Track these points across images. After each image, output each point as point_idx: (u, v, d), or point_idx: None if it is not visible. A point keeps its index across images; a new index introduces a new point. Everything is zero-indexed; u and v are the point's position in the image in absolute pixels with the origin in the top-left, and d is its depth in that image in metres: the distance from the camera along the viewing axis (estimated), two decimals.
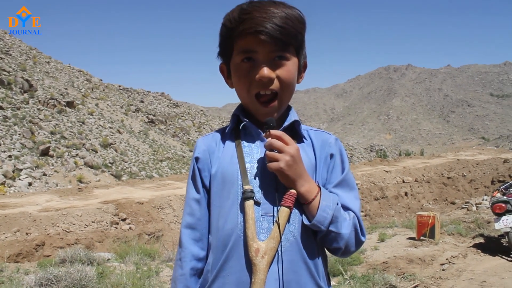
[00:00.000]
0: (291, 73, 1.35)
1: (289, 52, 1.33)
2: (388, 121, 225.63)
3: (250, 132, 1.41)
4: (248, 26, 1.27)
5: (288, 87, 1.35)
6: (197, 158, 1.43)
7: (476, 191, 21.47)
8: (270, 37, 1.26)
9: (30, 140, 35.66)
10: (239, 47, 1.32)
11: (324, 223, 1.26)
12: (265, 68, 1.30)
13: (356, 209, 1.36)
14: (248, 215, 1.27)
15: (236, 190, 1.33)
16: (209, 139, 1.47)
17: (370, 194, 19.14)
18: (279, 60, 1.32)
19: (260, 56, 1.30)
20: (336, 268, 6.19)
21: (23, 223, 10.75)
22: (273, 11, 1.28)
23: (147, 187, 17.19)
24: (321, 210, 1.27)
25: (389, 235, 9.14)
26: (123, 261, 7.15)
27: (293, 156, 1.26)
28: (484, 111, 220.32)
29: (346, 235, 1.29)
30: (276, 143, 1.27)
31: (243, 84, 1.35)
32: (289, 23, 1.28)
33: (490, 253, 7.17)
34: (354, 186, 1.42)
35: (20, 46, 65.02)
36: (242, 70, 1.34)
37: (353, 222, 1.32)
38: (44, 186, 28.53)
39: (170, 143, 61.68)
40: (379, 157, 64.64)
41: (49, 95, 47.62)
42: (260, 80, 1.30)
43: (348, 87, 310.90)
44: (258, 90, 1.33)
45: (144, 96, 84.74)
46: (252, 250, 1.24)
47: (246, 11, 1.29)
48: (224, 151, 1.41)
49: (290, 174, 1.26)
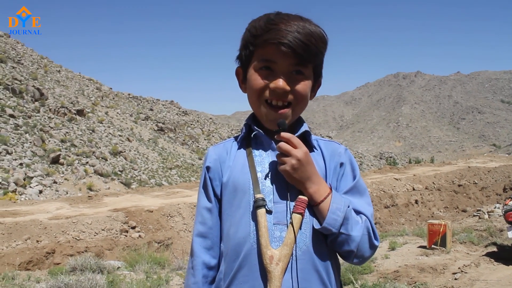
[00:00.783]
0: (306, 89, 1.37)
1: (307, 68, 1.36)
2: (397, 128, 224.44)
3: (261, 141, 1.42)
4: (272, 36, 1.29)
5: (301, 101, 1.38)
6: (208, 167, 1.44)
7: (488, 198, 21.23)
8: (292, 51, 1.28)
9: (40, 148, 36.00)
10: (259, 55, 1.34)
11: (335, 226, 1.27)
12: (281, 80, 1.32)
13: (369, 214, 1.36)
14: (261, 223, 1.28)
15: (248, 199, 1.34)
16: (220, 148, 1.48)
17: (380, 202, 19.00)
18: (296, 74, 1.34)
19: (279, 67, 1.32)
20: (346, 277, 6.14)
21: (33, 230, 10.81)
22: (299, 26, 1.30)
23: (156, 195, 17.22)
24: (331, 212, 1.28)
25: (400, 243, 9.06)
26: (133, 270, 7.16)
27: (299, 159, 1.28)
28: (495, 118, 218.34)
29: (358, 237, 1.29)
30: (284, 146, 1.29)
31: (256, 90, 1.36)
32: (312, 40, 1.30)
33: (503, 262, 7.05)
34: (365, 193, 1.42)
35: (31, 55, 65.90)
36: (259, 78, 1.35)
37: (365, 225, 1.32)
38: (55, 194, 28.74)
39: (180, 151, 61.88)
40: (388, 164, 64.20)
41: (60, 103, 48.11)
42: (274, 90, 1.32)
43: (357, 95, 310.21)
44: (269, 98, 1.34)
45: (153, 104, 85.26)
46: (267, 258, 1.25)
47: (273, 22, 1.31)
48: (235, 160, 1.42)
49: (296, 176, 1.29)
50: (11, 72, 48.81)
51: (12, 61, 54.72)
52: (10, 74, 47.69)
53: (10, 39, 65.50)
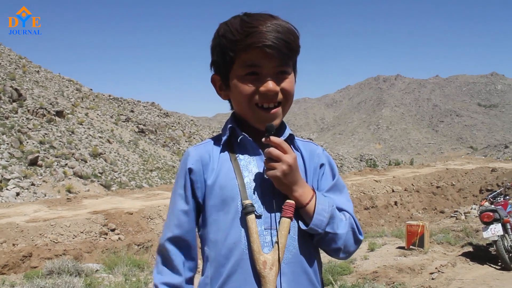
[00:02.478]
0: (292, 86, 1.38)
1: (290, 66, 1.37)
2: (377, 131, 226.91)
3: (245, 145, 1.40)
4: (255, 40, 1.26)
5: (290, 98, 1.39)
6: (190, 169, 1.39)
7: (465, 200, 21.63)
8: (277, 52, 1.27)
9: (18, 150, 35.33)
10: (243, 61, 1.31)
11: (321, 226, 1.29)
12: (271, 82, 1.31)
13: (350, 210, 1.40)
14: (252, 229, 1.28)
15: (236, 204, 1.33)
16: (201, 149, 1.44)
17: (360, 203, 19.18)
18: (281, 74, 1.34)
19: (265, 70, 1.31)
20: (326, 278, 6.18)
21: (10, 234, 10.60)
22: (276, 25, 1.29)
23: (136, 197, 17.07)
24: (317, 213, 1.30)
25: (379, 244, 9.15)
26: (112, 272, 7.08)
27: (290, 165, 1.28)
28: (472, 121, 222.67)
29: (344, 235, 1.32)
30: (274, 152, 1.28)
31: (246, 96, 1.33)
32: (291, 37, 1.30)
33: (478, 261, 7.21)
34: (344, 190, 1.46)
35: (9, 55, 64.63)
36: (246, 84, 1.32)
37: (349, 222, 1.35)
38: (32, 196, 28.22)
39: (160, 153, 61.41)
40: (369, 166, 64.93)
41: (39, 104, 47.28)
42: (266, 94, 1.31)
43: (338, 97, 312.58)
44: (260, 102, 1.33)
45: (134, 106, 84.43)
46: (260, 263, 1.26)
47: (250, 24, 1.28)
48: (220, 164, 1.39)
49: (286, 182, 1.29)
50: None
51: None
52: None
53: None
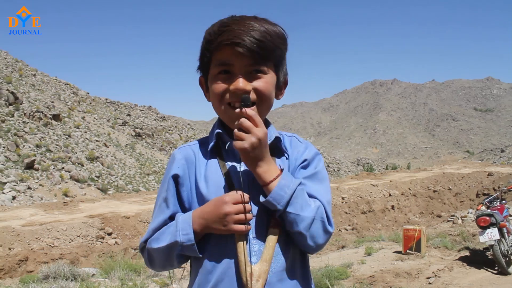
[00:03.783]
0: (268, 86, 1.33)
1: (267, 66, 1.32)
2: (374, 135, 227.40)
3: (233, 151, 1.38)
4: (225, 37, 1.26)
5: (265, 99, 1.34)
6: (176, 175, 1.37)
7: (462, 204, 21.65)
8: (247, 50, 1.25)
9: (14, 153, 35.20)
10: (216, 60, 1.31)
11: (280, 201, 1.24)
12: (241, 80, 1.29)
13: (324, 200, 1.34)
14: (239, 239, 1.26)
15: None
16: (188, 151, 1.42)
17: (357, 207, 19.18)
18: (256, 73, 1.31)
19: (237, 69, 1.29)
20: (323, 282, 6.17)
21: (6, 238, 10.56)
22: (253, 25, 1.27)
23: (133, 201, 17.03)
24: (278, 188, 1.25)
25: (376, 248, 9.15)
26: (108, 277, 7.05)
27: (259, 138, 1.24)
28: (468, 125, 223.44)
29: (308, 218, 1.26)
30: (245, 123, 1.24)
31: (218, 94, 1.32)
32: (267, 37, 1.27)
33: (475, 266, 7.21)
34: (325, 182, 1.41)
35: (6, 58, 64.55)
36: (218, 82, 1.32)
37: (318, 210, 1.29)
38: (29, 200, 28.09)
39: (157, 156, 61.33)
40: (365, 170, 64.92)
41: (35, 108, 47.18)
42: (235, 92, 1.29)
43: (335, 101, 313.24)
44: (232, 101, 1.31)
45: (131, 110, 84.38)
46: (247, 275, 1.23)
47: (226, 24, 1.29)
48: (209, 170, 1.37)
49: (252, 155, 1.25)
50: None
51: None
52: None
53: None
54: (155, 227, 1.36)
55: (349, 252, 9.22)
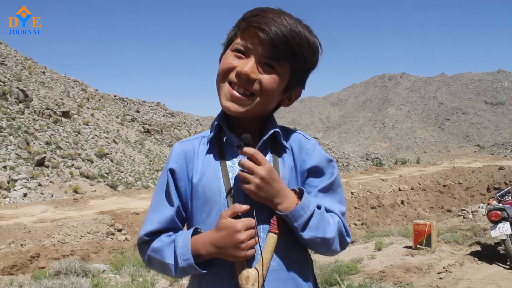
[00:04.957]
0: (273, 83, 1.28)
1: (281, 66, 1.28)
2: (383, 129, 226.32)
3: (232, 144, 1.34)
4: (256, 20, 1.24)
5: (266, 95, 1.29)
6: (172, 170, 1.34)
7: (472, 198, 21.50)
8: (270, 40, 1.22)
9: (25, 151, 35.51)
10: (239, 38, 1.29)
11: (298, 220, 1.22)
12: (250, 65, 1.25)
13: (339, 212, 1.32)
14: None
15: (219, 209, 1.28)
16: (187, 145, 1.39)
17: (366, 202, 19.12)
18: (267, 67, 1.27)
19: (252, 53, 1.26)
20: (332, 278, 6.16)
21: (18, 234, 10.67)
22: (289, 22, 1.25)
23: (143, 197, 17.13)
24: (299, 206, 1.23)
25: (386, 243, 9.12)
26: (119, 273, 7.10)
27: (263, 178, 1.20)
28: (478, 119, 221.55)
29: (332, 238, 1.26)
30: (246, 163, 1.22)
31: (223, 69, 1.30)
32: (296, 39, 1.24)
33: (487, 261, 7.15)
34: (339, 190, 1.38)
35: (15, 56, 64.98)
36: (230, 58, 1.29)
37: (338, 226, 1.29)
38: (40, 197, 28.35)
39: (166, 152, 61.53)
40: (375, 165, 64.66)
41: (45, 105, 47.50)
42: (239, 74, 1.25)
43: (343, 96, 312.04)
44: (233, 80, 1.27)
45: (139, 106, 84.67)
46: (243, 278, 1.22)
47: (264, 10, 1.27)
48: (205, 163, 1.34)
49: (262, 195, 1.22)
50: None
51: None
52: None
53: None
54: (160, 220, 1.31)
55: (359, 247, 9.19)
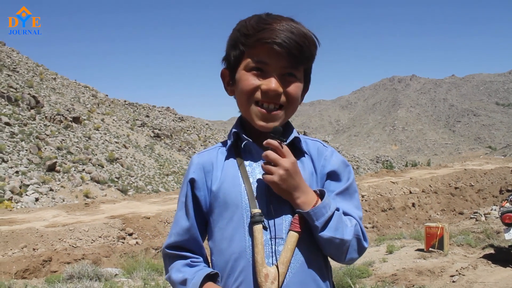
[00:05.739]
0: (298, 91, 1.33)
1: (299, 71, 1.32)
2: (393, 132, 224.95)
3: (250, 150, 1.36)
4: (267, 35, 1.24)
5: (293, 103, 1.33)
6: (193, 179, 1.38)
7: (485, 201, 21.29)
8: (286, 51, 1.24)
9: (37, 156, 35.86)
10: (251, 55, 1.29)
11: (319, 218, 1.23)
12: (274, 81, 1.27)
13: (357, 217, 1.33)
14: (258, 239, 1.24)
15: (241, 213, 1.30)
16: (205, 156, 1.42)
17: (377, 205, 19.01)
18: (289, 76, 1.30)
19: (272, 68, 1.28)
20: (344, 281, 6.13)
21: (30, 238, 10.76)
22: (292, 26, 1.26)
23: (153, 202, 17.19)
24: (321, 205, 1.24)
25: (398, 246, 9.06)
26: (131, 277, 7.13)
27: (287, 169, 1.23)
28: (490, 120, 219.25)
29: (349, 241, 1.27)
30: (271, 155, 1.24)
31: (248, 91, 1.30)
32: (306, 42, 1.27)
33: (501, 264, 7.06)
34: (355, 195, 1.39)
35: (27, 63, 65.77)
36: (250, 78, 1.30)
37: (355, 229, 1.29)
38: (51, 202, 28.59)
39: (176, 157, 61.75)
40: (385, 168, 64.25)
41: (56, 111, 47.96)
42: (267, 92, 1.27)
43: (352, 99, 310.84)
44: (261, 100, 1.29)
45: (149, 111, 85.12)
46: (262, 276, 1.22)
47: (266, 21, 1.27)
48: (225, 170, 1.36)
49: (284, 187, 1.24)
50: (6, 80, 48.67)
51: (7, 69, 54.58)
52: (6, 82, 47.55)
53: (6, 47, 65.41)
54: (177, 232, 1.38)
55: (370, 251, 9.14)
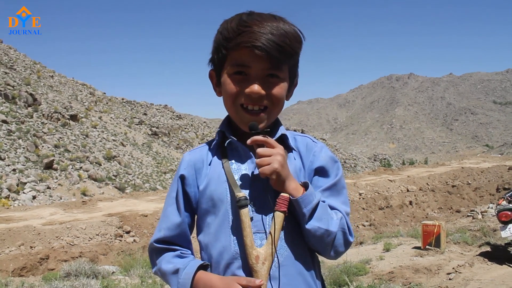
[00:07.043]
0: (282, 92, 1.34)
1: (282, 70, 1.33)
2: (391, 130, 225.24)
3: (236, 148, 1.39)
4: (245, 39, 1.25)
5: (278, 104, 1.35)
6: (183, 176, 1.40)
7: (481, 199, 21.31)
8: (266, 54, 1.25)
9: (34, 154, 35.80)
10: (233, 59, 1.31)
11: (307, 205, 1.25)
12: (256, 85, 1.29)
13: (344, 212, 1.34)
14: (245, 223, 1.26)
15: (226, 208, 1.32)
16: (196, 154, 1.45)
17: (374, 203, 19.04)
18: (271, 77, 1.31)
19: (253, 71, 1.29)
20: (341, 279, 6.15)
21: (27, 236, 10.74)
22: (273, 27, 1.26)
23: (151, 200, 17.18)
24: (308, 193, 1.27)
25: (394, 244, 9.07)
26: (128, 274, 7.13)
27: (283, 155, 1.26)
28: (487, 119, 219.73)
29: (334, 233, 1.28)
30: (263, 151, 1.26)
31: (231, 95, 1.33)
32: (287, 41, 1.27)
33: (497, 261, 7.09)
34: (343, 191, 1.41)
35: (24, 61, 65.60)
36: (233, 82, 1.32)
37: (340, 222, 1.30)
38: (48, 199, 28.55)
39: (174, 155, 61.74)
40: (383, 166, 64.39)
41: (53, 108, 47.88)
42: (250, 95, 1.30)
43: (350, 97, 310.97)
44: (245, 103, 1.32)
45: (147, 109, 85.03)
46: (253, 258, 1.24)
47: (245, 24, 1.27)
48: (211, 169, 1.39)
49: (283, 174, 1.26)
50: (3, 77, 48.54)
51: (4, 67, 54.45)
52: (3, 79, 47.43)
53: (3, 45, 65.24)
54: (167, 227, 1.40)
55: (367, 248, 9.16)
